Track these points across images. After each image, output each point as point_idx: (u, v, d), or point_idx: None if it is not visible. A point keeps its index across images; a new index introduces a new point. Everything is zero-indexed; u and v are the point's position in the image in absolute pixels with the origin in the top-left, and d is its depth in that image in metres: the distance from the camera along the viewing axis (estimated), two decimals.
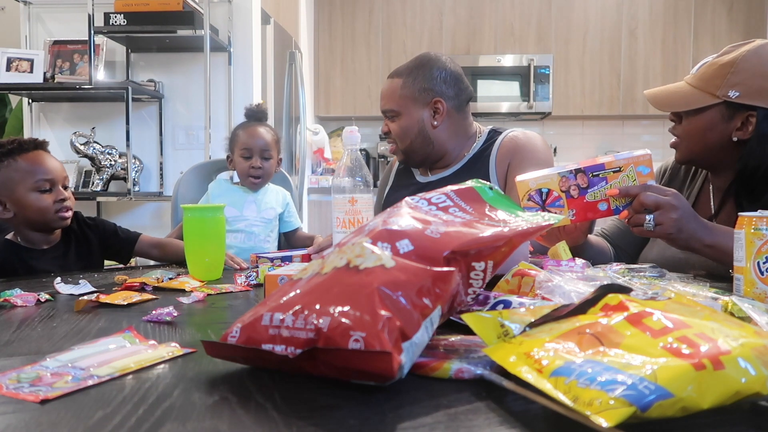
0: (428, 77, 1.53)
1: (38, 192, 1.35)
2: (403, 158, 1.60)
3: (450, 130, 1.56)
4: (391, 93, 1.55)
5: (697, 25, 4.27)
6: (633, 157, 1.03)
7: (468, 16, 4.33)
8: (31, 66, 2.89)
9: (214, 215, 1.23)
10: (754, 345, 0.44)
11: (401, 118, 1.54)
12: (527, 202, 1.08)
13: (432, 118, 1.53)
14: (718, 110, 1.16)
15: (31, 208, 1.35)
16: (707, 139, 1.19)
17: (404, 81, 1.53)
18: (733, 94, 1.14)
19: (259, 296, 1.02)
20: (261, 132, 1.79)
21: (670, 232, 1.01)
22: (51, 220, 1.38)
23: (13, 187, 1.35)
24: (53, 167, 1.39)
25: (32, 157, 1.37)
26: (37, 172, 1.35)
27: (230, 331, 0.58)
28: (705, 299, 0.73)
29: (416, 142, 1.54)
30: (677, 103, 1.21)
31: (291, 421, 0.45)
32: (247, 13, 3.13)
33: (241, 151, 1.78)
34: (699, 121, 1.19)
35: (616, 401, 0.40)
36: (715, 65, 1.18)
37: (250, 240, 1.77)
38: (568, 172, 1.05)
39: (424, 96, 1.52)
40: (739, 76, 1.13)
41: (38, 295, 0.96)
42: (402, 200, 0.75)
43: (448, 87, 1.54)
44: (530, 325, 0.56)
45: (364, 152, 4.50)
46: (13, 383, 0.54)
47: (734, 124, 1.16)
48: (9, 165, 1.35)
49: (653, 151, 1.16)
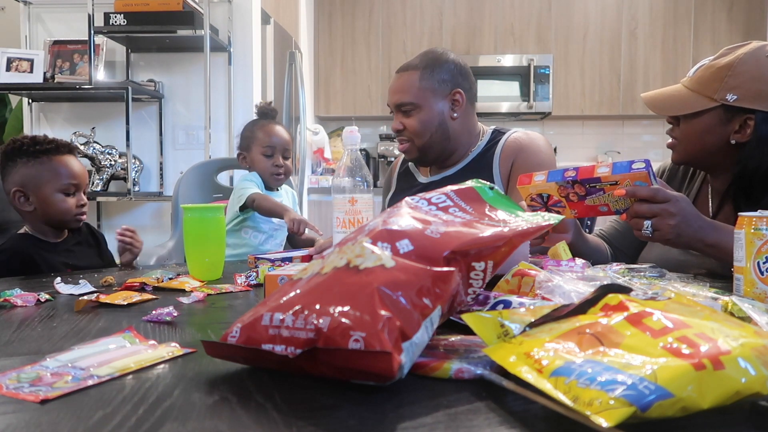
0: (445, 69, 1.51)
1: (63, 194, 1.43)
2: (417, 155, 1.56)
3: (465, 123, 1.55)
4: (409, 86, 1.50)
5: (697, 26, 4.27)
6: (629, 173, 1.01)
7: (468, 16, 4.34)
8: (31, 66, 2.89)
9: (214, 215, 1.23)
10: (754, 345, 0.44)
11: (421, 111, 1.50)
12: (531, 202, 1.11)
13: (451, 110, 1.52)
14: (716, 113, 1.16)
15: (54, 208, 1.42)
16: (705, 141, 1.19)
17: (422, 73, 1.50)
18: (730, 98, 1.13)
19: (259, 296, 1.02)
20: (281, 131, 1.82)
21: (668, 238, 1.01)
22: (68, 221, 1.46)
23: (41, 184, 1.42)
24: (80, 173, 1.47)
25: (64, 161, 1.45)
26: (66, 175, 1.43)
27: (230, 331, 0.58)
28: (705, 299, 0.73)
29: (435, 136, 1.51)
30: (675, 107, 1.21)
31: (291, 421, 0.45)
32: (247, 13, 3.13)
33: (263, 149, 1.79)
34: (697, 124, 1.18)
35: (616, 401, 0.40)
36: (712, 68, 1.18)
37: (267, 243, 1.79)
38: (565, 182, 1.05)
39: (443, 87, 1.51)
40: (736, 80, 1.13)
41: (38, 295, 0.96)
42: (402, 200, 0.75)
43: (464, 79, 1.54)
44: (530, 325, 0.56)
45: (364, 152, 4.50)
46: (13, 383, 0.54)
47: (732, 127, 1.16)
48: (42, 162, 1.42)
49: (653, 152, 1.16)
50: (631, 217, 1.02)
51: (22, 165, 1.42)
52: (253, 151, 1.81)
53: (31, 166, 1.42)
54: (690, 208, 1.03)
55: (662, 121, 4.41)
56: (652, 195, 1.00)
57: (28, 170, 1.42)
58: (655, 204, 1.00)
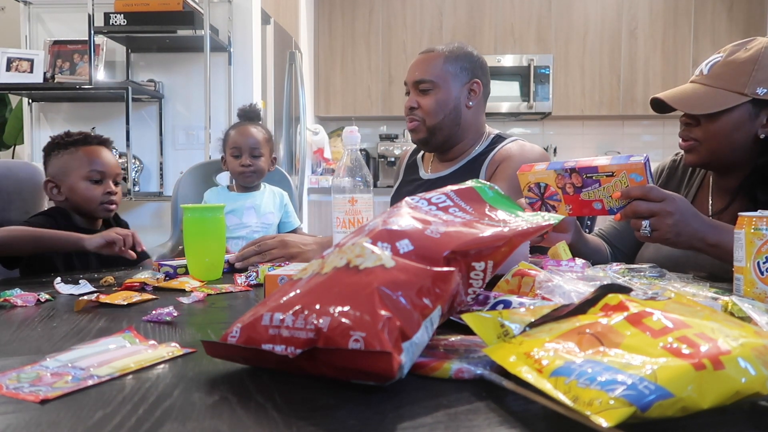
0: (468, 59, 1.55)
1: (89, 182, 1.47)
2: (425, 136, 1.56)
3: (476, 116, 1.58)
4: (433, 66, 1.53)
5: (697, 25, 4.27)
6: (626, 164, 1.01)
7: (468, 16, 4.34)
8: (31, 66, 2.89)
9: (214, 215, 1.23)
10: (754, 345, 0.44)
11: (439, 92, 1.52)
12: (528, 192, 1.12)
13: (467, 98, 1.55)
14: (745, 109, 1.14)
15: (80, 196, 1.47)
16: (733, 139, 1.16)
17: (447, 57, 1.54)
18: (761, 91, 1.12)
19: (259, 296, 1.02)
20: (251, 130, 1.81)
21: (667, 237, 1.00)
22: (95, 210, 1.49)
23: (68, 173, 1.47)
24: (107, 161, 1.50)
25: (91, 150, 1.50)
26: (92, 163, 1.48)
27: (230, 331, 0.58)
28: (705, 299, 0.73)
29: (447, 119, 1.54)
30: (704, 105, 1.16)
31: (291, 421, 0.45)
32: (247, 13, 3.13)
33: (231, 150, 1.80)
34: (725, 121, 1.15)
35: (616, 401, 0.40)
36: (732, 64, 1.15)
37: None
38: (563, 170, 1.06)
39: (463, 75, 1.54)
40: (764, 72, 1.12)
41: (38, 295, 0.96)
42: (402, 200, 0.75)
43: (483, 73, 1.58)
44: (530, 325, 0.56)
45: (364, 152, 4.50)
46: (13, 383, 0.54)
47: (760, 121, 1.15)
48: (71, 153, 1.48)
49: (653, 152, 1.16)
50: (627, 216, 1.02)
51: (54, 158, 1.50)
52: (226, 153, 1.83)
53: (60, 157, 1.49)
54: (687, 206, 1.02)
55: (662, 121, 4.43)
56: (645, 193, 0.99)
57: (58, 161, 1.49)
58: (652, 203, 0.99)
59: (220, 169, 2.11)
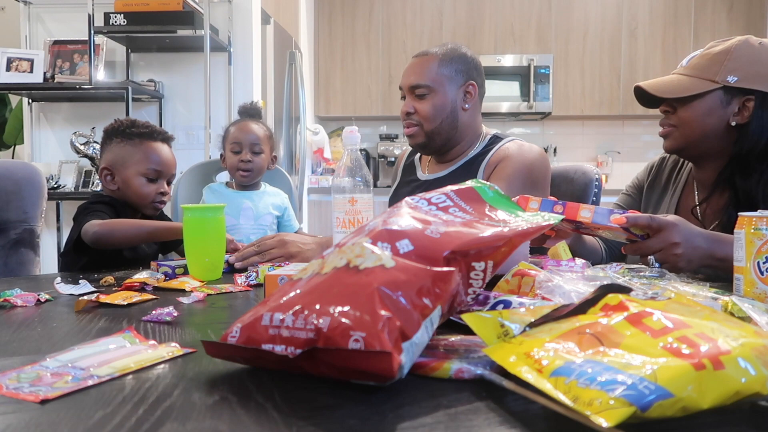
0: (463, 60, 1.55)
1: (145, 178, 1.45)
2: (423, 140, 1.55)
3: (472, 118, 1.58)
4: (427, 69, 1.52)
5: (697, 25, 4.27)
6: (606, 226, 0.99)
7: (468, 16, 4.34)
8: (31, 66, 2.89)
9: (214, 215, 1.23)
10: (754, 345, 0.44)
11: (435, 96, 1.52)
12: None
13: (463, 101, 1.55)
14: (716, 96, 1.21)
15: (134, 190, 1.45)
16: (705, 124, 1.22)
17: (441, 60, 1.53)
18: (731, 79, 1.18)
19: (259, 296, 1.02)
20: (251, 126, 1.79)
21: (680, 267, 1.00)
22: (145, 207, 1.48)
23: (127, 165, 1.45)
24: (167, 161, 1.49)
25: (154, 146, 1.48)
26: (151, 160, 1.46)
27: (230, 331, 0.58)
28: (705, 299, 0.73)
29: (445, 123, 1.53)
30: (676, 90, 1.24)
31: (291, 421, 0.45)
32: (247, 13, 3.13)
33: (231, 146, 1.78)
34: (697, 107, 1.22)
35: (616, 401, 0.40)
36: (707, 55, 1.23)
37: None
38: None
39: (459, 77, 1.54)
40: (736, 63, 1.19)
41: (38, 295, 0.96)
42: (402, 200, 0.75)
43: (478, 74, 1.57)
44: (530, 325, 0.56)
45: (364, 152, 4.51)
46: (13, 383, 0.54)
47: (732, 108, 1.20)
48: (134, 145, 1.46)
49: (653, 152, 1.17)
50: (632, 253, 1.02)
51: (116, 144, 1.47)
52: (225, 149, 1.80)
53: (122, 146, 1.46)
54: (688, 227, 1.01)
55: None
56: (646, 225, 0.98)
57: (119, 150, 1.46)
58: (653, 240, 0.99)
59: (220, 169, 2.10)
